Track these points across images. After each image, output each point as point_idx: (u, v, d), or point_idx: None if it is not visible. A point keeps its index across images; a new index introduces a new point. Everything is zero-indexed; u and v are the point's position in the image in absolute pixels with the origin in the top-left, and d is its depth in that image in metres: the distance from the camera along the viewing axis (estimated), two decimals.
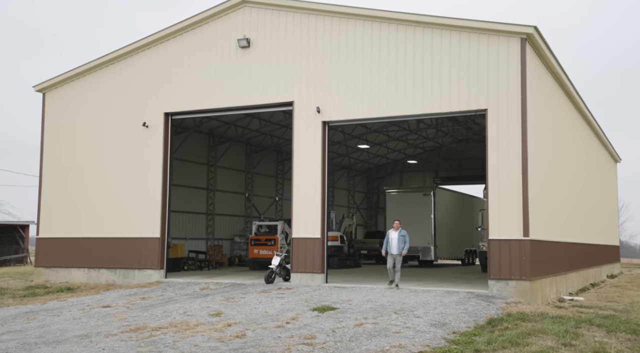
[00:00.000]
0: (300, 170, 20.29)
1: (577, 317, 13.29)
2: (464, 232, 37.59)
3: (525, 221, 16.92)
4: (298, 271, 20.00)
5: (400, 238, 18.60)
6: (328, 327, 12.42)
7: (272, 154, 38.96)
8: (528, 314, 13.68)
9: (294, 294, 17.48)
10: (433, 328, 12.38)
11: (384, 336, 11.57)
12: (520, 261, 16.86)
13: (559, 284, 20.38)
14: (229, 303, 16.20)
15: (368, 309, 14.63)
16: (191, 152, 32.11)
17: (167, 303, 16.55)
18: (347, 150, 42.97)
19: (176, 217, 31.12)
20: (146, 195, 22.27)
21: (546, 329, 11.72)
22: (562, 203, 22.09)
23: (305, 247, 20.01)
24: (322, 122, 20.13)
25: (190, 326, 13.01)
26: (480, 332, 12.11)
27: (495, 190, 17.42)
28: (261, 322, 13.27)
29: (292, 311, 14.64)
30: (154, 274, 21.84)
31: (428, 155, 47.97)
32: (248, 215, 36.56)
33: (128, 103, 23.01)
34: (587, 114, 26.60)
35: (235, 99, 21.39)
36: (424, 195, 34.09)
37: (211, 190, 33.83)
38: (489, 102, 17.71)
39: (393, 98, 19.12)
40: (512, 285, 16.88)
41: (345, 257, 31.95)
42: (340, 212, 39.03)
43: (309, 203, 20.04)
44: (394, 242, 18.64)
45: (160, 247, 21.92)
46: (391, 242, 18.70)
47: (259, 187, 38.02)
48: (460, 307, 14.81)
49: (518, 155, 17.12)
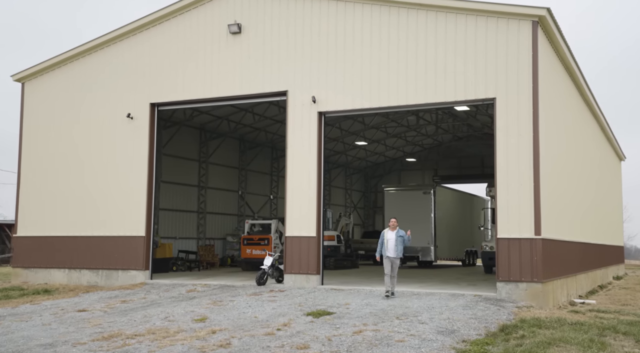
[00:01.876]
0: (294, 163, 19.00)
1: (598, 324, 12.03)
2: (465, 232, 36.35)
3: (537, 218, 15.66)
4: (292, 272, 18.71)
5: (398, 239, 15.73)
6: (323, 335, 11.13)
7: (266, 151, 37.64)
8: (544, 320, 12.41)
9: (286, 297, 16.18)
10: (440, 336, 11.10)
11: (386, 345, 10.28)
12: (531, 261, 15.59)
13: (570, 286, 19.13)
14: (215, 307, 14.89)
15: (367, 314, 13.34)
16: (181, 147, 30.77)
17: (148, 307, 15.23)
18: (344, 147, 41.67)
19: (165, 215, 29.80)
20: (131, 191, 20.95)
21: (568, 338, 10.45)
22: (571, 201, 20.85)
23: (300, 246, 18.72)
24: (318, 112, 18.84)
25: (170, 333, 11.70)
26: (494, 341, 10.84)
27: (504, 185, 16.15)
28: (249, 329, 11.97)
29: (284, 316, 13.34)
30: (139, 275, 20.51)
31: (427, 153, 46.74)
32: (241, 214, 35.23)
33: (112, 93, 21.69)
34: (595, 107, 25.37)
35: (226, 88, 20.09)
36: (424, 194, 32.83)
37: (203, 187, 32.49)
38: (498, 91, 16.46)
39: (394, 87, 17.84)
40: (523, 288, 15.61)
41: (342, 258, 30.70)
42: (337, 211, 37.71)
43: (303, 199, 18.75)
44: (391, 243, 15.73)
45: (146, 246, 20.59)
46: (387, 243, 15.77)
47: (253, 184, 36.68)
48: (469, 312, 13.53)
49: (529, 147, 15.85)
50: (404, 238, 15.79)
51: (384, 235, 15.91)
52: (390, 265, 15.76)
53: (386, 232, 16.01)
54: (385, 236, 15.90)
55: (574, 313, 13.96)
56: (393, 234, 15.87)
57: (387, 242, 15.80)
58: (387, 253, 15.78)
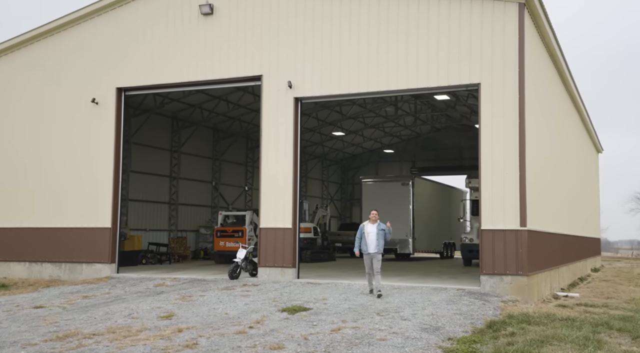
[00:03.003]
0: (269, 151, 18.08)
1: (590, 319, 11.40)
2: (443, 224, 35.84)
3: (523, 209, 15.01)
4: (266, 265, 17.82)
5: (379, 233, 14.18)
6: (299, 333, 10.29)
7: (241, 141, 36.59)
8: (532, 316, 11.75)
9: (260, 292, 15.30)
10: (425, 334, 10.34)
11: (367, 345, 9.48)
12: (516, 254, 14.94)
13: (553, 279, 18.60)
14: (184, 302, 13.95)
15: (346, 310, 12.54)
16: (152, 136, 29.59)
17: (111, 303, 14.22)
18: (321, 138, 40.84)
19: (135, 206, 28.67)
20: (96, 181, 19.81)
21: (561, 335, 9.77)
22: (554, 192, 20.31)
23: (275, 238, 17.84)
24: (294, 98, 17.93)
25: (132, 332, 10.75)
26: (482, 339, 10.12)
27: (488, 173, 15.45)
28: (219, 327, 11.07)
29: (258, 312, 12.46)
30: (104, 269, 19.42)
31: (405, 144, 46.16)
32: (215, 206, 34.18)
33: (76, 77, 20.47)
34: (577, 97, 24.89)
35: (197, 72, 19.04)
36: (403, 185, 32.19)
37: (175, 178, 31.36)
38: (482, 76, 15.72)
39: (374, 72, 17.01)
40: (507, 281, 14.96)
41: (318, 250, 29.91)
42: (314, 202, 36.88)
43: (279, 189, 17.85)
44: (371, 237, 14.15)
45: (112, 238, 19.49)
46: (367, 237, 14.20)
47: (227, 175, 35.62)
48: (453, 307, 12.81)
49: (515, 134, 15.17)
50: (385, 232, 14.23)
51: (364, 228, 14.35)
52: (370, 262, 14.24)
53: (366, 225, 14.40)
54: (365, 229, 14.31)
55: (561, 308, 13.35)
56: (374, 227, 14.29)
57: (367, 236, 14.22)
58: (368, 249, 14.21)
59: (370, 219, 14.47)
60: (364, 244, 14.28)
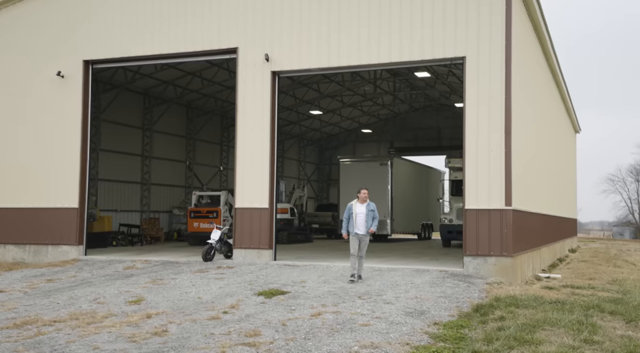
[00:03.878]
0: (245, 127, 17.29)
1: (579, 302, 10.97)
2: (421, 205, 35.46)
3: (508, 188, 14.51)
4: (242, 247, 17.12)
5: (369, 213, 13.17)
6: (277, 319, 9.65)
7: (216, 119, 35.59)
8: (520, 298, 11.28)
9: (236, 274, 14.63)
10: (409, 319, 9.79)
11: (349, 331, 8.88)
12: (501, 234, 14.47)
13: (534, 260, 18.24)
14: (155, 286, 13.22)
15: (326, 293, 11.94)
16: (123, 113, 28.48)
17: (77, 287, 13.42)
18: (298, 117, 40.03)
19: (106, 186, 27.66)
20: (62, 158, 18.83)
21: (552, 319, 9.29)
22: (537, 171, 19.91)
23: (251, 219, 17.13)
24: (272, 72, 17.11)
25: (96, 318, 10.00)
26: (469, 323, 9.60)
27: (473, 151, 14.89)
28: (191, 312, 10.38)
29: (233, 296, 11.80)
30: (71, 251, 18.53)
31: (383, 124, 45.58)
32: (189, 186, 33.25)
33: (40, 48, 19.34)
34: (559, 75, 24.48)
35: (168, 45, 18.07)
36: (381, 165, 31.63)
37: (147, 157, 30.32)
38: (468, 49, 15.06)
39: (355, 45, 16.26)
40: (491, 262, 14.50)
41: (295, 231, 29.34)
42: (291, 183, 36.17)
43: (255, 167, 17.11)
44: (360, 218, 13.15)
45: (79, 219, 18.58)
46: (356, 218, 13.19)
47: (202, 155, 34.66)
48: (437, 290, 12.29)
49: (501, 110, 14.60)
50: (374, 213, 13.20)
51: (352, 208, 13.23)
52: (358, 244, 13.21)
53: (355, 205, 13.27)
54: (353, 209, 13.20)
55: (548, 290, 12.93)
56: (363, 208, 13.19)
57: (356, 216, 13.17)
58: (356, 229, 13.17)
59: (358, 198, 13.35)
60: (352, 225, 13.19)
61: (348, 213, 13.28)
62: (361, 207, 13.25)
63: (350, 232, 13.20)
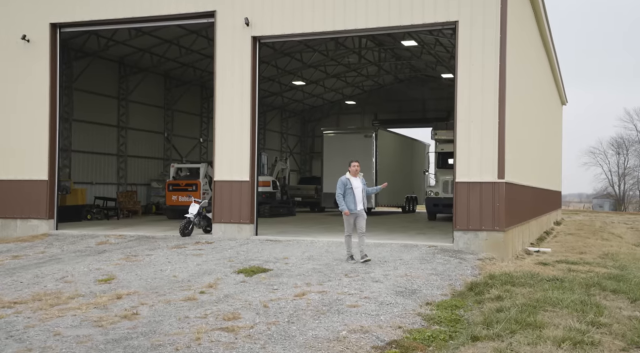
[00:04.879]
0: (224, 97, 16.37)
1: (578, 280, 10.40)
2: (406, 178, 34.84)
3: (501, 159, 13.85)
4: (222, 221, 16.35)
5: (363, 187, 12.23)
6: (258, 300, 8.94)
7: (195, 90, 34.39)
8: (515, 276, 10.69)
9: (215, 250, 13.88)
10: (400, 298, 9.14)
11: (336, 313, 8.20)
12: (493, 208, 13.86)
13: (524, 234, 17.74)
14: (128, 263, 12.42)
15: (310, 270, 11.25)
16: (97, 82, 27.24)
17: (44, 264, 12.57)
18: (281, 88, 38.97)
19: (80, 157, 26.57)
20: (31, 128, 17.78)
21: (553, 299, 8.69)
22: (526, 143, 19.29)
23: (231, 192, 16.33)
24: (252, 37, 16.15)
25: (61, 300, 9.21)
26: (463, 303, 8.98)
27: (464, 121, 14.16)
28: (165, 292, 9.63)
29: (211, 274, 11.06)
30: (41, 225, 17.61)
31: (367, 96, 44.68)
32: (167, 158, 32.20)
33: (3, 11, 18.08)
34: (550, 43, 23.75)
35: (142, 7, 16.97)
36: (365, 137, 30.85)
37: (123, 127, 29.18)
38: (461, 13, 14.22)
39: (341, 8, 15.32)
40: (483, 237, 13.91)
41: (278, 205, 28.58)
42: (273, 155, 35.28)
43: (235, 138, 16.25)
44: (359, 192, 12.01)
45: (49, 191, 17.63)
46: (354, 193, 11.94)
47: (181, 126, 33.54)
48: (427, 266, 11.66)
49: (495, 77, 13.85)
50: (365, 186, 12.27)
51: (348, 183, 11.94)
52: (354, 222, 12.07)
53: (351, 179, 12.01)
54: (350, 183, 11.95)
55: (542, 266, 12.38)
56: (358, 181, 12.08)
57: (355, 191, 11.95)
58: (356, 206, 11.95)
59: (350, 171, 12.07)
60: (350, 201, 11.88)
61: (344, 188, 11.92)
62: (356, 181, 12.07)
63: (350, 209, 11.90)
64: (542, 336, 6.86)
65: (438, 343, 6.94)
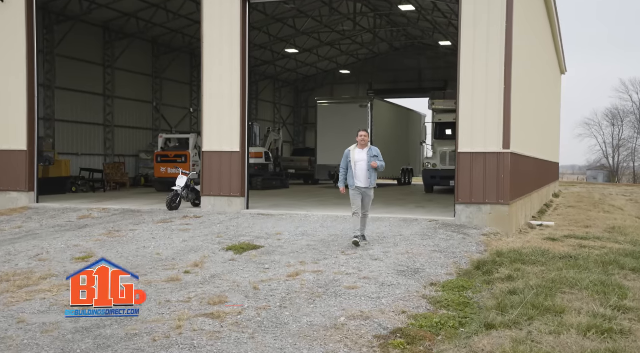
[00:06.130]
0: (213, 62, 15.39)
1: (593, 257, 9.68)
2: (401, 149, 33.99)
3: (507, 128, 13.02)
4: (211, 194, 15.53)
5: (371, 161, 10.47)
6: (247, 281, 8.17)
7: (184, 57, 33.19)
8: (524, 253, 9.95)
9: (203, 225, 13.08)
10: (402, 279, 8.39)
11: (333, 296, 7.45)
12: (497, 180, 13.08)
13: (526, 207, 17.03)
14: (109, 239, 11.62)
15: (304, 247, 10.48)
16: (80, 48, 26.07)
17: (19, 240, 11.75)
18: (273, 57, 37.80)
19: (64, 127, 25.57)
20: (7, 96, 16.77)
21: (570, 279, 7.97)
22: (529, 112, 18.46)
23: (220, 163, 15.47)
24: None
25: (32, 280, 8.42)
26: (471, 284, 8.25)
27: (468, 86, 13.27)
28: (147, 272, 8.85)
29: (197, 252, 10.28)
30: (21, 198, 16.74)
31: (362, 65, 43.53)
32: (157, 128, 31.19)
33: None
34: (553, 9, 22.74)
35: None
36: (361, 107, 29.86)
37: (109, 96, 28.09)
38: None
39: None
40: (486, 211, 13.15)
41: (270, 177, 27.76)
42: (265, 126, 34.30)
43: (224, 106, 15.32)
44: (361, 167, 10.50)
45: (28, 162, 16.72)
46: (355, 167, 10.55)
47: (170, 95, 32.43)
48: (429, 243, 10.92)
49: (501, 38, 12.91)
50: (378, 159, 10.50)
51: (351, 155, 10.58)
52: (360, 199, 10.61)
53: (353, 151, 10.60)
54: (352, 157, 10.56)
55: (551, 242, 11.66)
56: (364, 154, 10.51)
57: (355, 165, 10.53)
58: (356, 182, 10.55)
59: (358, 142, 10.61)
60: (350, 176, 10.56)
61: (346, 161, 10.57)
62: (361, 153, 10.53)
63: (350, 185, 10.56)
64: (563, 323, 6.13)
65: (448, 332, 6.21)
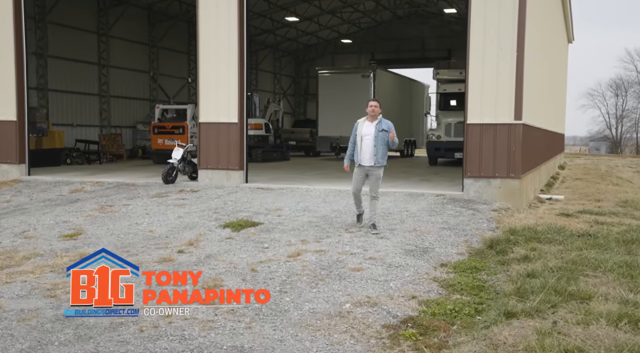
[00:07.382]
0: (209, 28, 14.68)
1: (613, 235, 9.11)
2: (404, 121, 33.24)
3: (519, 98, 12.33)
4: (208, 167, 14.93)
5: (379, 135, 9.18)
6: (245, 262, 7.63)
7: (181, 25, 32.19)
8: (538, 230, 9.39)
9: (199, 200, 12.51)
10: (411, 259, 7.84)
11: (337, 279, 6.91)
12: (508, 153, 12.45)
13: (535, 181, 16.43)
14: (101, 215, 11.05)
15: (306, 224, 9.92)
16: (73, 15, 25.15)
17: (6, 215, 11.19)
18: (273, 25, 36.77)
19: (58, 97, 24.83)
20: None
21: (592, 261, 7.42)
22: (539, 82, 17.72)
23: (218, 135, 14.84)
24: None
25: (14, 260, 7.88)
26: (484, 264, 7.70)
27: (479, 52, 12.54)
28: (137, 251, 8.30)
29: (193, 229, 9.72)
30: (12, 170, 16.16)
31: (364, 34, 42.45)
32: (154, 99, 30.39)
33: None
34: None
35: None
36: (363, 77, 29.05)
37: (104, 65, 27.26)
38: None
39: None
40: (496, 185, 12.56)
41: (271, 149, 27.10)
42: (265, 96, 33.51)
43: (221, 75, 14.64)
44: (368, 142, 9.22)
45: (19, 133, 16.09)
46: (361, 142, 9.29)
47: (167, 65, 31.53)
48: (437, 219, 10.35)
49: (514, 5, 12.16)
50: (387, 135, 9.18)
51: (359, 128, 9.33)
52: (363, 179, 9.46)
53: (362, 124, 9.33)
54: (360, 130, 9.29)
55: (565, 218, 11.10)
56: (372, 128, 9.21)
57: (362, 140, 9.26)
58: (361, 159, 9.32)
59: (368, 113, 9.34)
60: (357, 153, 9.36)
61: (354, 135, 9.37)
62: (369, 126, 9.24)
63: (356, 161, 9.38)
64: (591, 312, 5.58)
65: (464, 321, 5.67)
